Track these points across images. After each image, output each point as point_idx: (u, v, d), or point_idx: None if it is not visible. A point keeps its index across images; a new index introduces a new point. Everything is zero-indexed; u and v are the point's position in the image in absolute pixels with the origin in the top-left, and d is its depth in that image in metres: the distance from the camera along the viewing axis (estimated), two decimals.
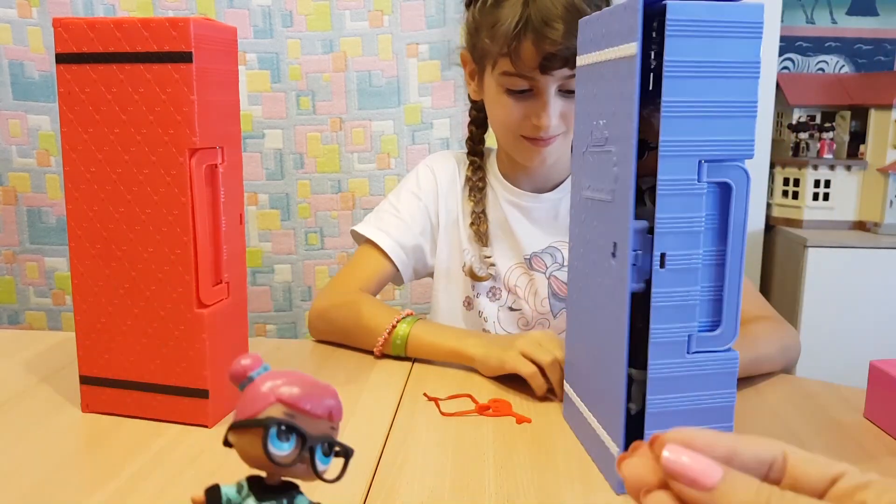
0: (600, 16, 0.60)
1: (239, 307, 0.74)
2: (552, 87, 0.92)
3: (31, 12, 1.38)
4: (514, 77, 0.92)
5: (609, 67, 0.58)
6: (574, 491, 0.59)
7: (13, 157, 1.42)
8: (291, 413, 0.36)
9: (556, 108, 0.93)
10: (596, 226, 0.62)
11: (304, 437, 0.35)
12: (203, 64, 0.65)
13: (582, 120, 0.65)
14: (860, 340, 1.86)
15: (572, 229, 0.68)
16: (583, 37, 0.65)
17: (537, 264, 1.05)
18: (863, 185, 2.04)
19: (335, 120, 1.45)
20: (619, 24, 0.55)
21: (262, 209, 1.48)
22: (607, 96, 0.59)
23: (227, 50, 0.70)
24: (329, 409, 0.37)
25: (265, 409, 0.35)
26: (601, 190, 0.60)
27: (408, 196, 1.07)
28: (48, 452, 0.64)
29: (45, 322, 1.49)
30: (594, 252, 0.62)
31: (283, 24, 1.43)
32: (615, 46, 0.56)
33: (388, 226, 1.05)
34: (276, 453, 0.35)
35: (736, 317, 0.56)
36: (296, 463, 0.36)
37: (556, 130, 0.95)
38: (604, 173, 0.59)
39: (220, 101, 0.69)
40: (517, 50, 0.89)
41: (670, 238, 0.54)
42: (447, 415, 0.72)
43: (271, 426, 0.35)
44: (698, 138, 0.53)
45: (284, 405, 0.36)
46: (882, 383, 0.71)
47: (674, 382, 0.56)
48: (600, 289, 0.61)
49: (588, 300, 0.64)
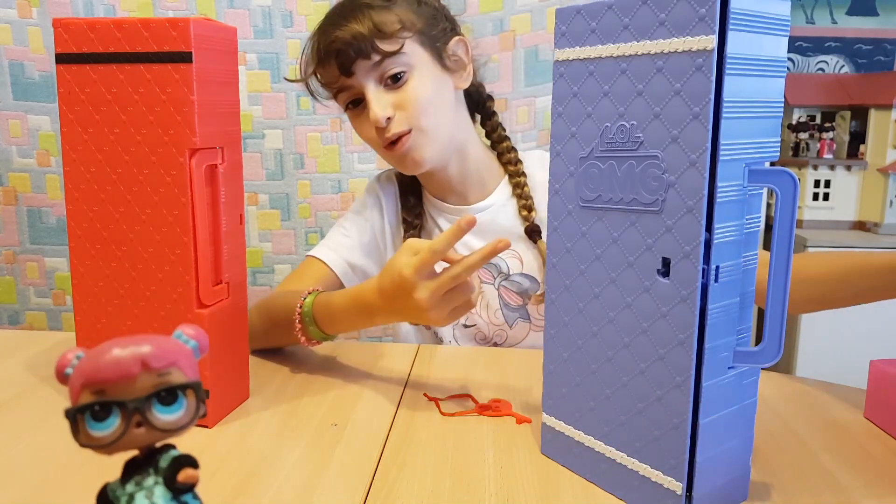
0: (602, 6, 0.54)
1: (239, 307, 0.74)
2: (368, 82, 0.90)
3: (31, 12, 1.38)
4: (336, 93, 0.94)
5: (643, 63, 0.52)
6: (574, 491, 0.59)
7: (13, 157, 1.42)
8: (100, 389, 0.34)
9: (382, 101, 0.90)
10: (617, 238, 0.55)
11: (121, 405, 0.34)
12: (203, 64, 0.65)
13: (573, 121, 0.58)
14: (860, 340, 1.86)
15: (558, 243, 0.61)
16: (570, 28, 0.57)
17: (485, 277, 1.03)
18: (863, 185, 2.04)
19: (335, 120, 1.45)
20: (667, 15, 0.50)
21: (262, 209, 1.48)
22: (639, 94, 0.52)
23: (227, 50, 0.70)
24: (139, 361, 0.34)
25: (78, 400, 0.34)
26: (629, 200, 0.54)
27: (353, 217, 1.08)
28: (48, 452, 0.64)
29: (46, 322, 1.49)
30: (613, 269, 0.56)
31: (283, 24, 1.43)
32: (661, 39, 0.50)
33: (335, 244, 1.05)
34: (97, 435, 0.34)
35: (781, 333, 0.51)
36: (128, 432, 0.34)
37: (399, 125, 0.91)
38: (635, 180, 0.53)
39: (220, 101, 0.69)
40: (319, 65, 0.93)
41: (725, 248, 0.50)
42: (447, 415, 0.72)
43: (79, 414, 0.34)
44: (745, 141, 0.50)
45: (89, 386, 0.34)
46: (882, 383, 0.71)
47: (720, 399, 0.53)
48: (632, 310, 0.55)
49: (601, 324, 0.57)
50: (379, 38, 0.89)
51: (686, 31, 0.49)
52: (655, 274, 0.52)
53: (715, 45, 0.47)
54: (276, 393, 0.79)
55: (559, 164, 0.60)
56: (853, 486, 0.60)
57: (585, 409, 0.60)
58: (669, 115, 0.50)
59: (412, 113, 0.91)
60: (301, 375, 0.85)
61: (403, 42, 0.90)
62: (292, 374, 0.85)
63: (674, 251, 0.51)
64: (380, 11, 0.90)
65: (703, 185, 0.49)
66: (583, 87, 0.57)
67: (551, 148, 0.61)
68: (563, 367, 0.62)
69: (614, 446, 0.58)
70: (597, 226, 0.57)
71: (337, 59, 0.90)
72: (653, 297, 0.53)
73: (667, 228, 0.51)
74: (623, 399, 0.56)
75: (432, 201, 1.06)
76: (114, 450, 0.35)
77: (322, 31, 0.92)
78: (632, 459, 0.56)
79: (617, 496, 0.58)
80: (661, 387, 0.53)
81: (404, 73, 0.91)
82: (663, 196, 0.51)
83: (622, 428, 0.57)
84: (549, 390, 0.64)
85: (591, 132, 0.56)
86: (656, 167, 0.52)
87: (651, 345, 0.53)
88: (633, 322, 0.55)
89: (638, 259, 0.54)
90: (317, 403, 0.76)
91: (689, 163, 0.49)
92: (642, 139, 0.52)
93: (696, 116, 0.49)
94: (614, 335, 0.56)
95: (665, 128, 0.51)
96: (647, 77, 0.52)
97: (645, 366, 0.54)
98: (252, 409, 0.75)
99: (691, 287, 0.50)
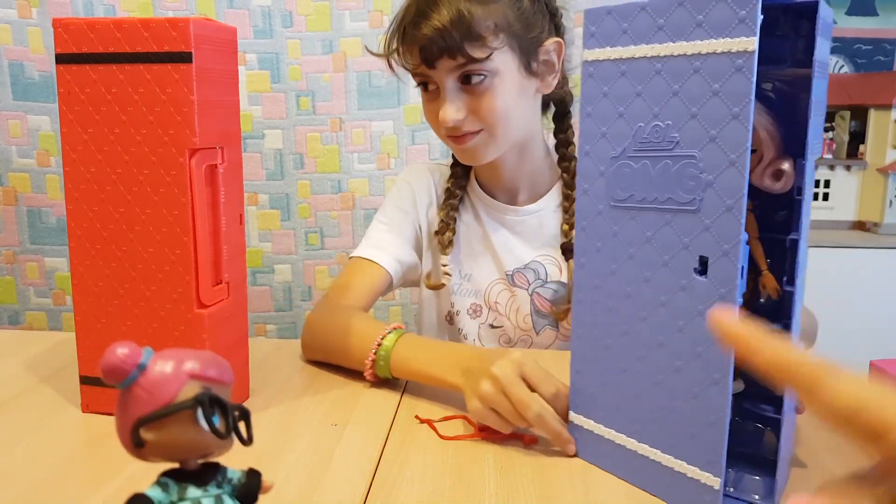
0: (635, 7, 0.55)
1: (239, 307, 0.74)
2: (447, 80, 0.88)
3: (31, 12, 1.38)
4: (413, 74, 0.92)
5: (679, 63, 0.52)
6: (574, 491, 0.59)
7: (13, 157, 1.42)
8: (207, 386, 0.35)
9: (457, 102, 0.88)
10: (651, 238, 0.56)
11: (224, 407, 0.35)
12: (203, 64, 0.65)
13: (603, 121, 0.58)
14: (860, 340, 1.86)
15: (587, 244, 0.61)
16: (599, 29, 0.58)
17: (520, 281, 1.01)
18: (862, 185, 2.04)
19: (335, 120, 1.45)
20: (704, 17, 0.50)
21: (262, 209, 1.48)
22: (674, 95, 0.53)
23: (226, 50, 0.70)
24: (231, 374, 0.36)
25: (182, 390, 0.34)
26: (665, 199, 0.54)
27: (393, 211, 1.06)
28: (48, 452, 0.64)
29: (46, 322, 1.49)
30: (647, 268, 0.56)
31: (283, 25, 1.43)
32: (698, 41, 0.51)
33: (381, 241, 1.02)
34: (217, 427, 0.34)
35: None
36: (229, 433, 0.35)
37: (468, 126, 0.89)
38: (671, 179, 0.53)
39: (220, 101, 0.69)
40: (403, 45, 0.89)
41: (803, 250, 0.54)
42: (447, 438, 0.72)
43: (203, 401, 0.34)
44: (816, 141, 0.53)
45: (199, 380, 0.34)
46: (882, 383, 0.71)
47: None
48: (667, 309, 0.55)
49: (633, 323, 0.58)
50: (468, 39, 0.84)
51: (725, 33, 0.49)
52: (692, 272, 0.53)
53: (756, 47, 0.48)
54: (276, 393, 0.79)
55: (588, 164, 0.60)
56: None
57: (616, 407, 0.60)
58: (707, 115, 0.51)
59: (486, 120, 0.89)
60: (301, 375, 0.85)
61: (492, 52, 0.85)
62: (292, 374, 0.85)
63: (712, 250, 0.51)
64: (476, 4, 0.84)
65: (743, 184, 0.49)
66: (614, 88, 0.57)
67: (579, 148, 0.61)
68: (591, 366, 0.62)
69: (647, 443, 0.58)
70: (629, 225, 0.57)
71: (421, 51, 0.87)
72: (689, 295, 0.53)
73: (704, 227, 0.52)
74: (657, 397, 0.57)
75: (480, 195, 1.04)
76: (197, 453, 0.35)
77: (412, 14, 0.87)
78: (666, 456, 0.56)
79: (649, 492, 0.58)
80: (697, 384, 0.53)
81: (486, 78, 0.87)
82: (700, 195, 0.52)
83: (656, 425, 0.57)
84: (577, 389, 0.64)
85: (623, 132, 0.57)
86: (693, 167, 0.52)
87: (687, 343, 0.54)
88: (668, 320, 0.55)
89: (673, 258, 0.54)
90: (317, 403, 0.76)
91: (729, 162, 0.50)
92: (678, 139, 0.53)
93: (736, 116, 0.49)
94: (647, 333, 0.57)
95: (702, 128, 0.51)
96: (683, 77, 0.52)
97: (681, 363, 0.54)
98: (252, 409, 0.74)
99: (730, 285, 0.50)
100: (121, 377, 0.34)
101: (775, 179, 0.55)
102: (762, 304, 0.58)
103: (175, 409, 0.34)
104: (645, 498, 0.58)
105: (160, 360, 0.34)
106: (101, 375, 0.34)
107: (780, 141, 0.55)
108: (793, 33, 0.54)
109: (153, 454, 0.34)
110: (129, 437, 0.34)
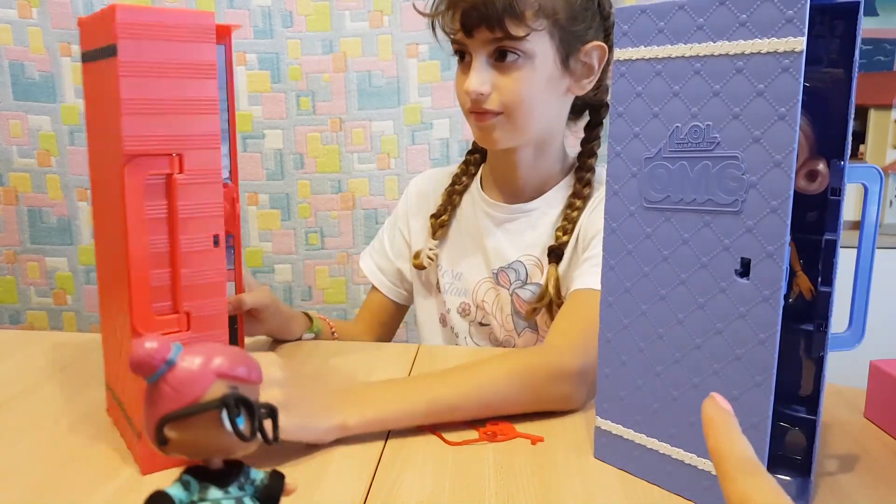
0: (672, 6, 0.54)
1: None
2: (481, 52, 0.87)
3: (31, 12, 1.38)
4: (450, 40, 0.91)
5: (720, 63, 0.51)
6: (574, 491, 0.59)
7: (14, 157, 1.42)
8: (234, 385, 0.34)
9: (485, 75, 0.87)
10: (688, 239, 0.55)
11: (250, 407, 0.34)
12: (137, 58, 0.55)
13: (636, 121, 0.57)
14: None
15: (617, 246, 0.59)
16: (632, 28, 0.56)
17: (503, 280, 1.00)
18: None
19: (335, 120, 1.45)
20: (748, 16, 0.50)
21: (262, 209, 1.48)
22: (715, 95, 0.52)
23: (193, 39, 0.57)
24: (259, 373, 0.35)
25: (209, 389, 0.33)
26: (703, 200, 0.53)
27: (390, 219, 1.14)
28: (48, 452, 0.64)
29: (47, 322, 1.49)
30: (684, 270, 0.55)
31: (283, 25, 1.43)
32: (741, 40, 0.50)
33: (372, 250, 1.14)
34: (242, 429, 0.33)
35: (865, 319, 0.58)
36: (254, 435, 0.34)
37: (492, 104, 0.88)
38: (710, 180, 0.53)
39: (176, 99, 0.57)
40: (446, 8, 0.89)
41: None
42: (452, 444, 0.72)
43: (229, 403, 0.33)
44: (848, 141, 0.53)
45: (226, 379, 0.34)
46: (882, 383, 0.71)
47: None
48: (705, 311, 0.54)
49: (668, 326, 0.57)
50: (509, 14, 0.83)
51: (771, 33, 0.48)
52: (732, 274, 0.52)
53: (804, 47, 0.47)
54: None
55: (619, 165, 0.59)
56: (853, 486, 0.60)
57: (648, 412, 0.59)
58: (751, 115, 0.50)
59: (509, 102, 0.88)
60: (301, 375, 0.85)
61: (531, 31, 0.85)
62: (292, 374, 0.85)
63: (755, 251, 0.51)
64: None
65: (789, 185, 0.48)
66: (648, 87, 0.56)
67: (609, 149, 0.60)
68: (621, 371, 0.61)
69: (682, 448, 0.57)
70: (664, 227, 0.56)
71: (462, 16, 0.86)
72: (730, 297, 0.52)
73: (747, 229, 0.51)
74: (693, 400, 0.55)
75: (483, 197, 1.02)
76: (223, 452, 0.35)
77: None
78: (702, 460, 0.55)
79: (685, 497, 0.57)
80: (738, 386, 0.53)
81: (519, 58, 0.86)
82: (743, 196, 0.51)
83: (692, 429, 0.56)
84: (605, 394, 0.62)
85: (658, 132, 0.56)
86: (735, 167, 0.51)
87: (727, 345, 0.53)
88: (706, 323, 0.54)
89: (712, 260, 0.53)
90: None
91: (774, 163, 0.49)
92: (719, 139, 0.52)
93: (783, 117, 0.48)
94: (684, 336, 0.56)
95: (746, 128, 0.50)
96: (724, 77, 0.51)
97: (719, 366, 0.54)
98: None
99: (774, 286, 0.50)
100: (148, 372, 0.33)
101: (810, 180, 0.55)
102: (791, 305, 0.57)
103: (199, 409, 0.33)
104: (645, 498, 0.58)
105: (188, 357, 0.34)
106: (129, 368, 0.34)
107: (814, 141, 0.55)
108: (829, 33, 0.53)
109: (176, 452, 0.34)
110: (154, 434, 0.34)
